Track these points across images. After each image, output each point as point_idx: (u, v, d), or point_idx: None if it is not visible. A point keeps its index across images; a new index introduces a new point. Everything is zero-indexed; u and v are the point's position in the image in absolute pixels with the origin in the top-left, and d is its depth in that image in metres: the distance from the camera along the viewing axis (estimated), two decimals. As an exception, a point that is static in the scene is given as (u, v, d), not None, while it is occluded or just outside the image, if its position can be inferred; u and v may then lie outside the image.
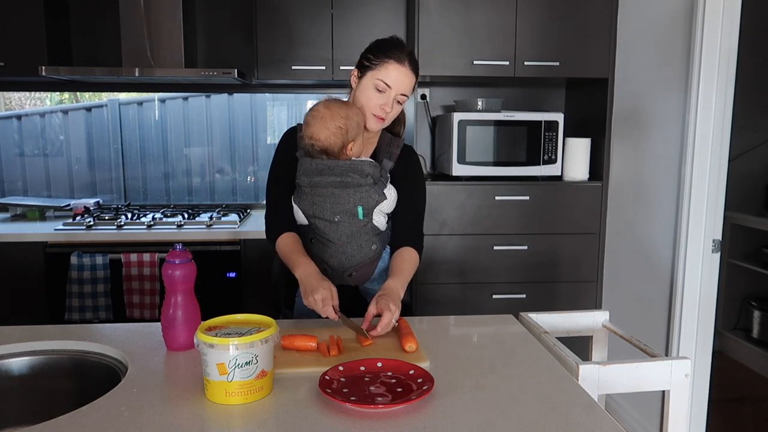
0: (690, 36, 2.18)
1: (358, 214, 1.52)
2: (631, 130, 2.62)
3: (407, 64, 1.50)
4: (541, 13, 2.65)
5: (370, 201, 1.53)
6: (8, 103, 3.31)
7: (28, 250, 2.59)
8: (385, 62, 1.49)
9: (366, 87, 1.52)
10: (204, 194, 3.29)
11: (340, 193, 1.51)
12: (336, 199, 1.52)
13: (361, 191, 1.52)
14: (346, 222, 1.52)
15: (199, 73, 2.69)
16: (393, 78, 1.49)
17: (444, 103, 3.13)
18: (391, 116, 1.55)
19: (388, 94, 1.51)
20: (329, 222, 1.53)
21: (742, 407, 3.01)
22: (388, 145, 1.63)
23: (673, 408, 1.35)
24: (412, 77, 1.52)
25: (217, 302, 2.61)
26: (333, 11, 2.77)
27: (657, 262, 2.43)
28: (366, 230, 1.54)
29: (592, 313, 1.68)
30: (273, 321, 1.13)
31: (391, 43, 1.52)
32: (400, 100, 1.53)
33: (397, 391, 1.09)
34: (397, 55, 1.50)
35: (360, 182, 1.51)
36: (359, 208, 1.52)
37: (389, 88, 1.50)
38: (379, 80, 1.50)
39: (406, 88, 1.52)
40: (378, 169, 1.54)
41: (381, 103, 1.51)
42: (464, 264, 2.72)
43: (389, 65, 1.49)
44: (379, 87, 1.50)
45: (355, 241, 1.53)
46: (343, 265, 1.55)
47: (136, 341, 1.34)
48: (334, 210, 1.52)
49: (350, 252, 1.54)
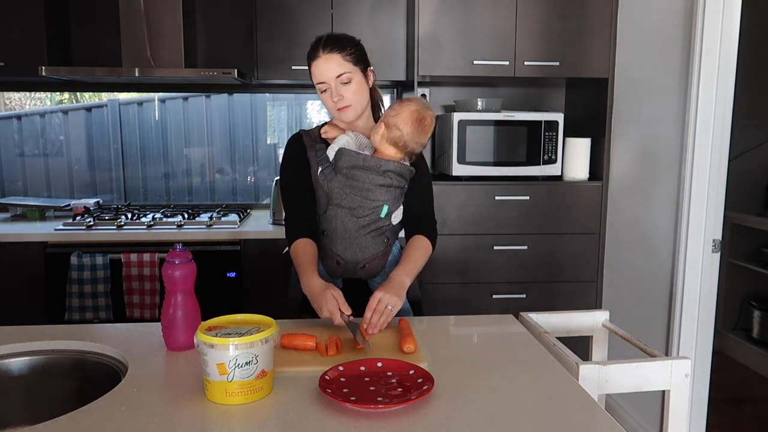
0: (690, 36, 2.18)
1: (382, 212, 1.55)
2: (631, 130, 2.62)
3: (321, 53, 1.55)
4: (541, 13, 2.65)
5: (396, 202, 1.58)
6: (8, 103, 3.31)
7: (28, 250, 2.59)
8: (310, 67, 1.58)
9: (320, 96, 1.61)
10: (204, 194, 3.29)
11: (374, 189, 1.54)
12: (367, 195, 1.54)
13: (392, 192, 1.56)
14: (367, 217, 1.55)
15: (199, 73, 2.69)
16: (318, 74, 1.56)
17: (444, 103, 3.13)
18: (351, 99, 1.56)
19: (327, 86, 1.56)
20: (351, 214, 1.55)
21: (742, 407, 3.01)
22: None
23: (673, 408, 1.35)
24: (334, 57, 1.54)
25: (217, 302, 2.61)
26: (333, 11, 2.77)
27: (657, 262, 2.43)
28: (382, 227, 1.58)
29: (592, 313, 1.68)
30: (273, 321, 1.13)
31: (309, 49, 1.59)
32: (344, 80, 1.55)
33: (397, 391, 1.08)
34: (310, 55, 1.58)
35: (393, 183, 1.55)
36: (385, 206, 1.55)
37: (323, 83, 1.56)
38: (317, 84, 1.58)
39: (336, 70, 1.54)
40: (407, 175, 1.58)
41: (331, 98, 1.57)
42: (464, 264, 2.72)
43: (312, 67, 1.57)
44: (321, 88, 1.58)
45: (369, 234, 1.56)
46: (356, 257, 1.57)
47: (136, 341, 1.34)
48: (362, 204, 1.54)
49: (364, 244, 1.57)
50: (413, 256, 1.54)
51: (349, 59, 1.55)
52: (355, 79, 1.56)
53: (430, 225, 1.64)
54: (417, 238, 1.59)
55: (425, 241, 1.59)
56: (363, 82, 1.59)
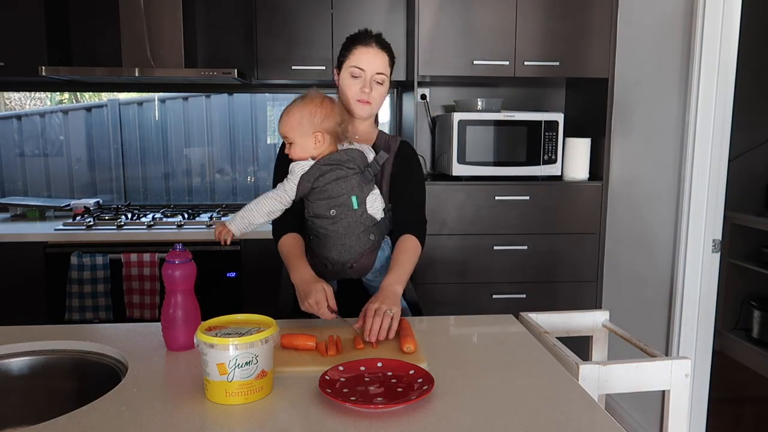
0: (690, 36, 2.18)
1: (353, 204, 1.53)
2: (631, 130, 2.62)
3: (374, 44, 1.58)
4: (541, 13, 2.65)
5: (362, 190, 1.54)
6: (8, 103, 3.31)
7: (28, 250, 2.59)
8: (353, 50, 1.59)
9: (344, 77, 1.61)
10: (204, 194, 3.29)
11: (332, 186, 1.52)
12: (329, 194, 1.53)
13: (350, 180, 1.53)
14: (341, 214, 1.53)
15: (199, 73, 2.69)
16: (363, 61, 1.57)
17: (444, 103, 3.13)
18: (376, 98, 1.60)
19: (363, 77, 1.58)
20: (326, 217, 1.54)
21: (742, 407, 3.01)
22: (386, 141, 1.66)
23: (673, 408, 1.35)
24: (383, 56, 1.59)
25: (217, 302, 2.61)
26: (333, 11, 2.77)
27: (657, 262, 2.43)
28: (362, 220, 1.55)
29: (592, 313, 1.68)
30: (273, 321, 1.13)
31: (357, 34, 1.62)
32: (379, 80, 1.59)
33: (397, 391, 1.08)
34: (362, 40, 1.59)
35: (347, 172, 1.53)
36: (353, 197, 1.53)
37: (362, 71, 1.58)
38: (352, 67, 1.58)
39: (379, 67, 1.58)
40: (363, 158, 1.56)
41: (359, 86, 1.58)
42: (464, 264, 2.72)
43: (357, 50, 1.58)
44: (354, 73, 1.58)
45: (352, 232, 1.54)
46: (343, 257, 1.56)
47: (136, 341, 1.34)
48: (329, 205, 1.53)
49: (348, 244, 1.55)
50: (401, 259, 1.52)
51: (390, 66, 1.62)
52: (385, 84, 1.62)
53: (418, 223, 1.62)
54: (404, 239, 1.57)
55: (413, 241, 1.57)
56: (387, 91, 1.64)
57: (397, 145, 1.66)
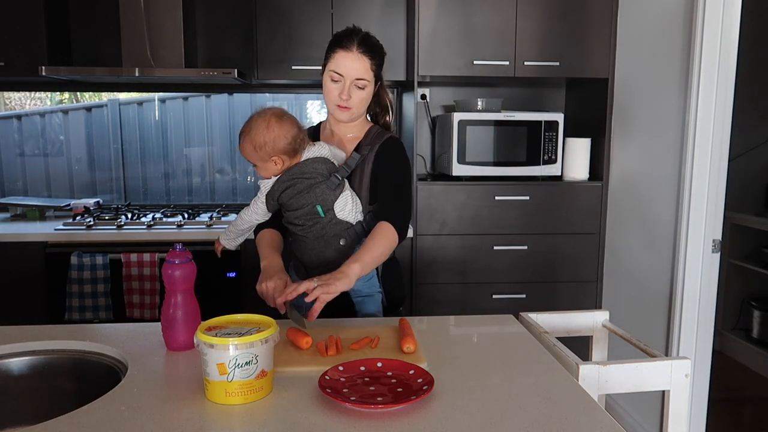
0: (690, 36, 2.18)
1: (319, 212, 1.53)
2: (631, 130, 2.62)
3: (355, 49, 1.53)
4: (541, 13, 2.65)
5: (327, 197, 1.52)
6: (8, 103, 3.31)
7: (28, 250, 2.59)
8: (334, 53, 1.55)
9: (325, 81, 1.58)
10: (204, 194, 3.29)
11: (296, 199, 1.53)
12: (295, 206, 1.54)
13: (314, 191, 1.52)
14: (310, 221, 1.54)
15: (199, 73, 2.69)
16: (342, 66, 1.53)
17: (444, 103, 3.13)
18: (355, 103, 1.56)
19: (342, 82, 1.55)
20: (296, 225, 1.56)
21: (742, 407, 3.01)
22: (372, 138, 1.63)
23: (673, 408, 1.35)
24: (363, 61, 1.54)
25: (217, 302, 2.61)
26: (333, 11, 2.77)
27: (657, 262, 2.43)
28: (332, 226, 1.54)
29: (592, 313, 1.68)
30: (273, 321, 1.13)
31: (340, 34, 1.57)
32: (359, 85, 1.55)
33: (397, 391, 1.08)
34: (343, 43, 1.54)
35: (311, 182, 1.52)
36: (318, 207, 1.52)
37: (341, 76, 1.54)
38: (331, 71, 1.55)
39: (359, 72, 1.54)
40: (327, 164, 1.54)
41: (338, 92, 1.55)
42: (464, 264, 2.72)
43: (337, 54, 1.54)
44: (333, 77, 1.55)
45: (322, 238, 1.55)
46: (314, 262, 1.57)
47: (136, 341, 1.34)
48: (296, 215, 1.55)
49: (318, 249, 1.55)
50: (368, 242, 1.46)
51: (373, 69, 1.57)
52: (368, 89, 1.57)
53: (396, 212, 1.53)
54: (380, 225, 1.50)
55: (387, 227, 1.49)
56: (371, 94, 1.60)
57: (381, 141, 1.61)
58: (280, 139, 1.49)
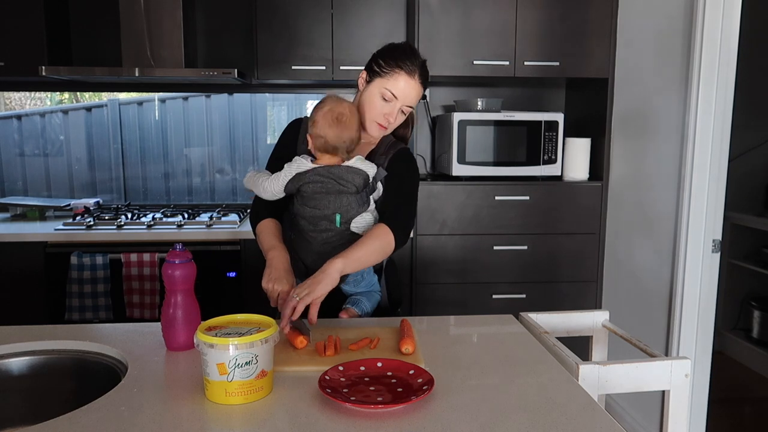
0: (690, 36, 2.18)
1: (336, 222, 1.50)
2: (631, 130, 2.62)
3: (417, 77, 1.49)
4: (541, 13, 2.65)
5: (350, 210, 1.49)
6: (8, 103, 3.31)
7: (28, 250, 2.59)
8: (395, 72, 1.48)
9: (372, 93, 1.51)
10: (204, 194, 3.29)
11: (319, 198, 1.49)
12: (315, 204, 1.50)
13: (341, 198, 1.48)
14: (323, 226, 1.51)
15: (199, 73, 2.69)
16: (401, 89, 1.49)
17: (444, 103, 3.13)
18: (393, 126, 1.56)
19: (394, 104, 1.50)
20: (308, 222, 1.53)
21: (742, 407, 3.01)
22: (387, 147, 1.60)
23: (673, 408, 1.35)
24: (420, 90, 1.52)
25: (217, 302, 2.61)
26: (333, 11, 2.77)
27: (657, 262, 2.43)
28: (342, 235, 1.51)
29: (592, 313, 1.68)
30: (273, 321, 1.13)
31: (404, 53, 1.50)
32: (405, 111, 1.53)
33: (397, 391, 1.08)
34: (408, 67, 1.48)
35: (341, 189, 1.48)
36: (337, 215, 1.49)
37: (395, 98, 1.49)
38: (386, 89, 1.49)
39: (412, 100, 1.52)
40: (363, 179, 1.50)
41: (386, 112, 1.51)
42: (464, 264, 2.72)
43: (399, 76, 1.48)
44: (386, 96, 1.49)
45: (329, 244, 1.51)
46: (316, 264, 1.50)
47: (136, 341, 1.34)
48: (313, 213, 1.51)
49: (324, 253, 1.49)
50: (360, 240, 1.42)
51: (420, 97, 1.55)
52: (408, 114, 1.57)
53: (399, 219, 1.49)
54: (375, 226, 1.47)
55: (383, 228, 1.44)
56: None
57: (394, 152, 1.58)
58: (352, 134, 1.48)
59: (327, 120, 1.47)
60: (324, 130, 1.47)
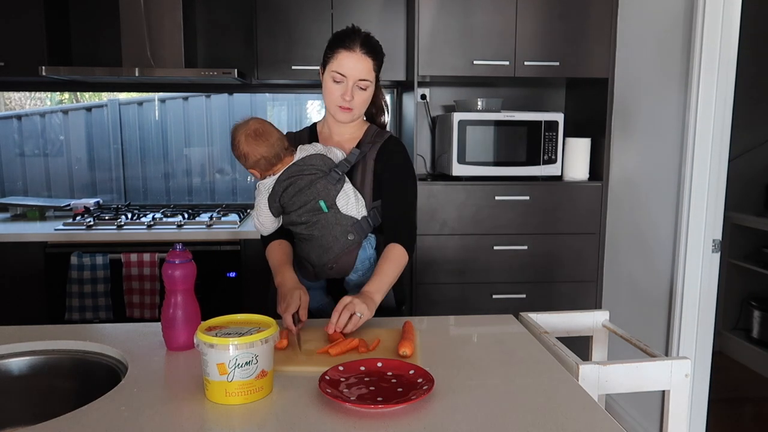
0: (690, 36, 2.18)
1: (322, 208, 1.53)
2: (631, 130, 2.62)
3: (359, 49, 1.52)
4: (541, 13, 2.65)
5: (329, 192, 1.53)
6: (8, 103, 3.31)
7: (28, 250, 2.59)
8: (336, 53, 1.53)
9: (326, 81, 1.57)
10: (204, 194, 3.29)
11: (298, 197, 1.53)
12: (297, 204, 1.54)
13: (315, 186, 1.53)
14: (314, 218, 1.54)
15: (199, 73, 2.69)
16: (345, 66, 1.52)
17: (444, 103, 3.13)
18: (357, 104, 1.56)
19: (345, 83, 1.53)
20: (300, 223, 1.56)
21: (742, 407, 3.01)
22: (372, 136, 1.63)
23: (673, 408, 1.35)
24: (366, 61, 1.53)
25: (217, 302, 2.61)
26: (333, 11, 2.77)
27: (657, 262, 2.43)
28: (337, 221, 1.54)
29: (592, 313, 1.68)
30: (273, 321, 1.13)
31: (342, 33, 1.55)
32: (362, 86, 1.55)
33: (397, 391, 1.08)
34: (346, 44, 1.52)
35: (311, 178, 1.52)
36: (321, 202, 1.53)
37: (344, 77, 1.53)
38: (333, 72, 1.53)
39: (362, 73, 1.53)
40: (326, 160, 1.55)
41: (340, 92, 1.54)
42: (464, 264, 2.72)
43: (340, 55, 1.52)
44: (336, 78, 1.54)
45: (329, 233, 1.54)
46: (322, 259, 1.56)
47: (136, 341, 1.34)
48: (299, 213, 1.55)
49: (326, 245, 1.55)
50: (384, 268, 1.49)
51: (375, 70, 1.56)
52: (369, 89, 1.57)
53: (406, 230, 1.58)
54: (390, 248, 1.53)
55: (399, 250, 1.53)
56: (371, 95, 1.60)
57: (382, 140, 1.61)
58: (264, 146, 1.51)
59: (250, 142, 1.52)
60: (257, 150, 1.52)
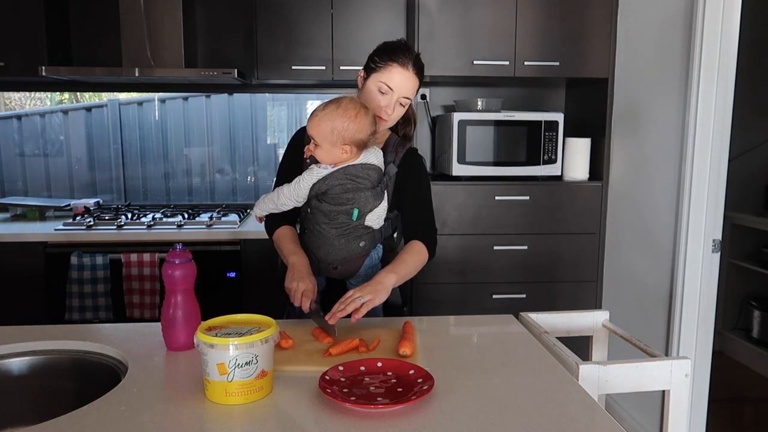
0: (690, 36, 2.18)
1: (353, 215, 1.53)
2: (631, 130, 2.62)
3: (411, 67, 1.54)
4: (541, 13, 2.65)
5: (367, 204, 1.53)
6: (8, 103, 3.31)
7: (28, 250, 2.59)
8: (388, 65, 1.53)
9: (370, 89, 1.56)
10: (204, 194, 3.29)
11: (342, 196, 1.52)
12: (336, 201, 1.53)
13: (359, 194, 1.52)
14: (339, 219, 1.54)
15: (199, 73, 2.69)
16: (395, 81, 1.53)
17: (444, 103, 3.13)
18: (394, 117, 1.58)
19: (390, 96, 1.54)
20: (324, 214, 1.55)
21: (742, 407, 3.01)
22: (394, 146, 1.64)
23: (673, 408, 1.35)
24: (415, 81, 1.56)
25: (217, 302, 2.61)
26: (333, 11, 2.77)
27: (657, 262, 2.43)
28: (356, 227, 1.55)
29: (592, 313, 1.68)
30: (273, 321, 1.13)
31: (397, 47, 1.56)
32: (403, 103, 1.57)
33: (397, 391, 1.08)
34: (401, 59, 1.53)
35: (359, 186, 1.52)
36: (355, 210, 1.53)
37: (391, 90, 1.53)
38: (382, 83, 1.53)
39: (409, 92, 1.56)
40: (378, 174, 1.55)
41: (383, 105, 1.55)
42: (464, 264, 2.72)
43: (392, 68, 1.53)
44: (382, 89, 1.54)
45: (343, 236, 1.55)
46: (329, 258, 1.57)
47: (136, 341, 1.34)
48: (330, 208, 1.53)
49: (337, 246, 1.55)
50: (403, 256, 1.53)
51: (417, 89, 1.59)
52: (407, 106, 1.60)
53: (428, 232, 1.62)
54: (412, 243, 1.58)
55: (420, 245, 1.57)
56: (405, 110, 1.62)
57: (404, 152, 1.64)
58: (363, 131, 1.47)
59: (371, 119, 1.49)
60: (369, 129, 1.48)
